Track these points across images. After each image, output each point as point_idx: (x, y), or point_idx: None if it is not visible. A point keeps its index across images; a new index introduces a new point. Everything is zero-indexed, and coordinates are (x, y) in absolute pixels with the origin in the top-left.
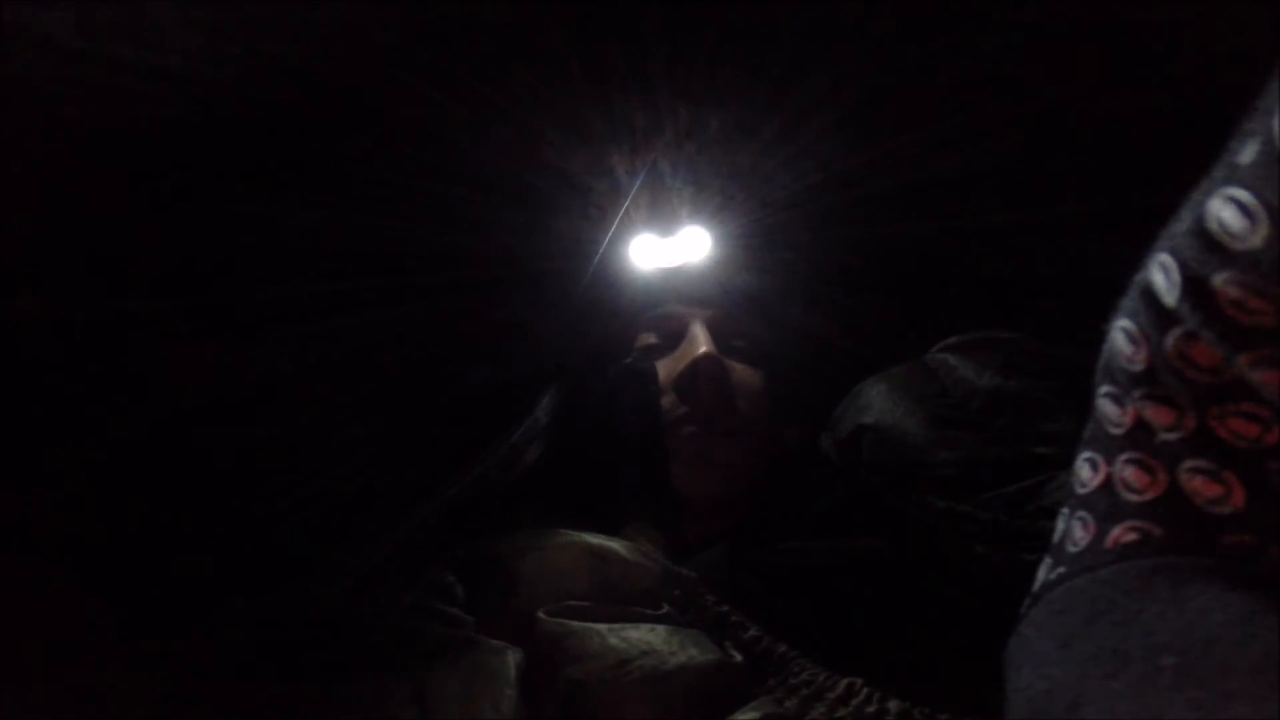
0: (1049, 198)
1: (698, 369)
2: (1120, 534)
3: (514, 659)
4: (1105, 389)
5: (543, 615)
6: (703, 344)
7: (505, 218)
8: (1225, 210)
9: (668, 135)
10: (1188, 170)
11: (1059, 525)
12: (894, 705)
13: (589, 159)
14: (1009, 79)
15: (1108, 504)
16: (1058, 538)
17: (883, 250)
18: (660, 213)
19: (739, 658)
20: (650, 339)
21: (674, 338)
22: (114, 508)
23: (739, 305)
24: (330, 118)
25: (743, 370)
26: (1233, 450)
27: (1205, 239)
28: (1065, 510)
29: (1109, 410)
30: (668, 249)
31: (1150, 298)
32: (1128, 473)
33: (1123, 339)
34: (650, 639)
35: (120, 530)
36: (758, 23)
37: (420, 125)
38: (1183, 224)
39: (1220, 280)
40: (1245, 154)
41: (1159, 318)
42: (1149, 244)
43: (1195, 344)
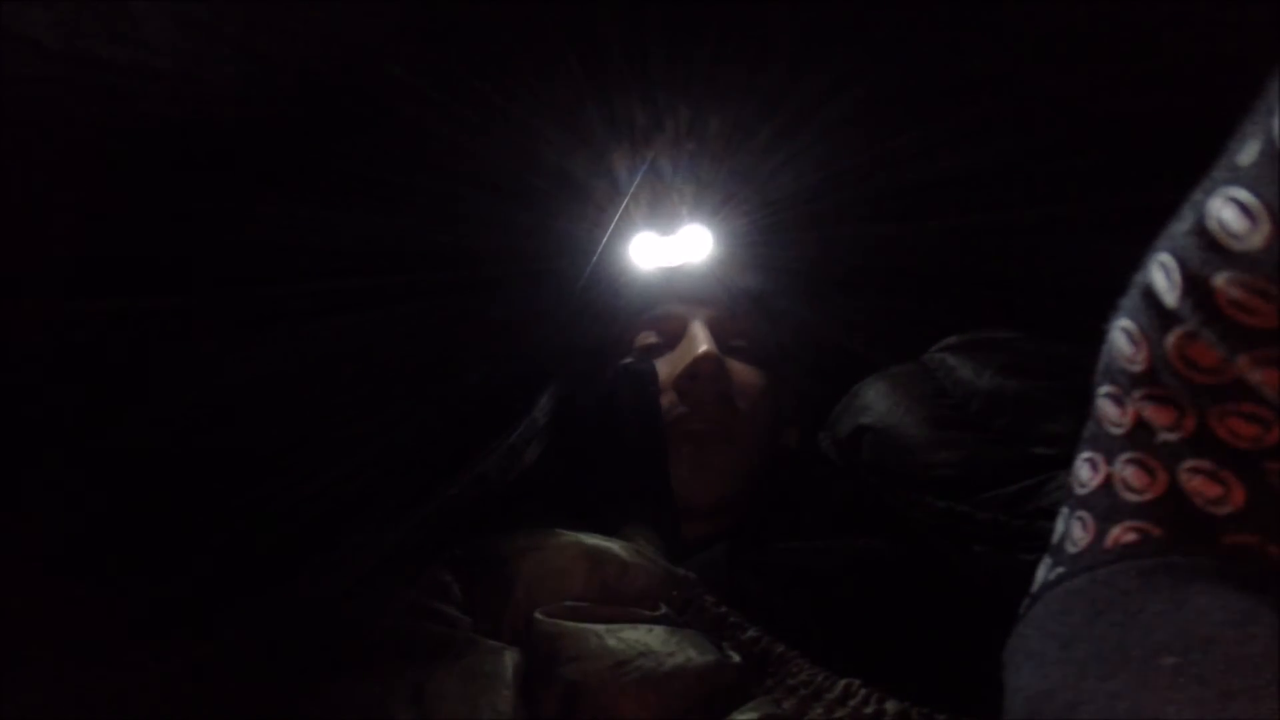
0: (1049, 198)
1: (698, 368)
2: (1120, 534)
3: (511, 659)
4: (1105, 389)
5: (540, 615)
6: (703, 343)
7: (505, 217)
8: (1226, 210)
9: (668, 134)
10: (1188, 170)
11: (1058, 525)
12: (892, 706)
13: (589, 158)
14: (1009, 79)
15: (1107, 504)
16: (1057, 538)
17: (883, 249)
18: (660, 211)
19: (737, 658)
20: (650, 338)
21: (674, 337)
22: (114, 507)
23: (739, 305)
24: (328, 117)
25: (743, 370)
26: (1233, 450)
27: (1206, 239)
28: (1065, 510)
29: (1109, 410)
30: (668, 248)
31: (1151, 298)
32: (1128, 473)
33: (1123, 339)
34: (648, 639)
35: (120, 530)
36: (758, 22)
37: (419, 124)
38: (1183, 224)
39: (1221, 280)
40: (1246, 154)
41: (1159, 318)
42: (1149, 244)
43: (1196, 344)
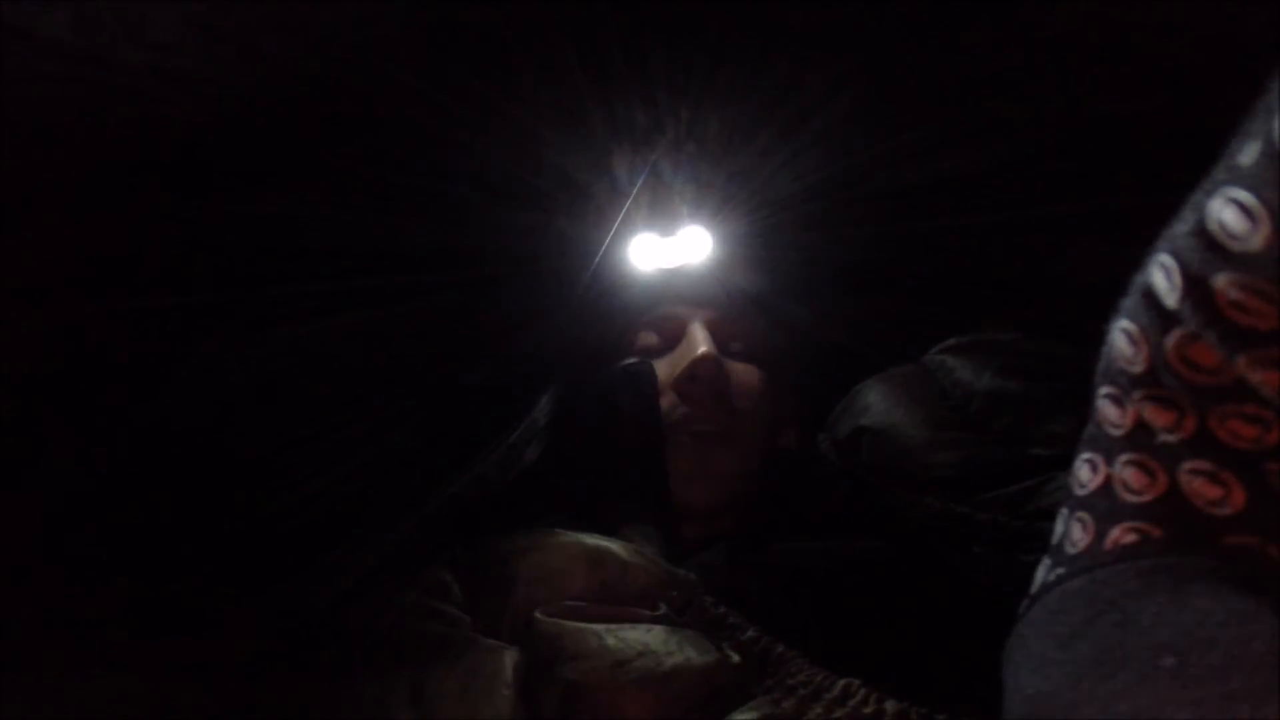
0: (1049, 199)
1: (697, 370)
2: (1119, 535)
3: (511, 659)
4: (1105, 390)
5: (540, 615)
6: (702, 345)
7: (505, 217)
8: (1226, 211)
9: (668, 135)
10: (1188, 171)
11: (1058, 526)
12: (891, 706)
13: (589, 158)
14: (1009, 79)
15: (1107, 505)
16: (1056, 539)
17: (883, 251)
18: (660, 213)
19: (736, 658)
20: (650, 339)
21: (673, 338)
22: (114, 508)
23: (739, 306)
24: (329, 117)
25: (742, 371)
26: (1233, 451)
27: (1206, 240)
28: (1064, 511)
29: (1109, 411)
30: (668, 249)
31: (1151, 299)
32: (1127, 474)
33: (1123, 340)
34: (647, 639)
35: (119, 530)
36: (758, 22)
37: (419, 124)
38: (1184, 225)
39: (1221, 281)
40: (1246, 155)
41: (1160, 319)
42: (1149, 245)
43: (1196, 345)
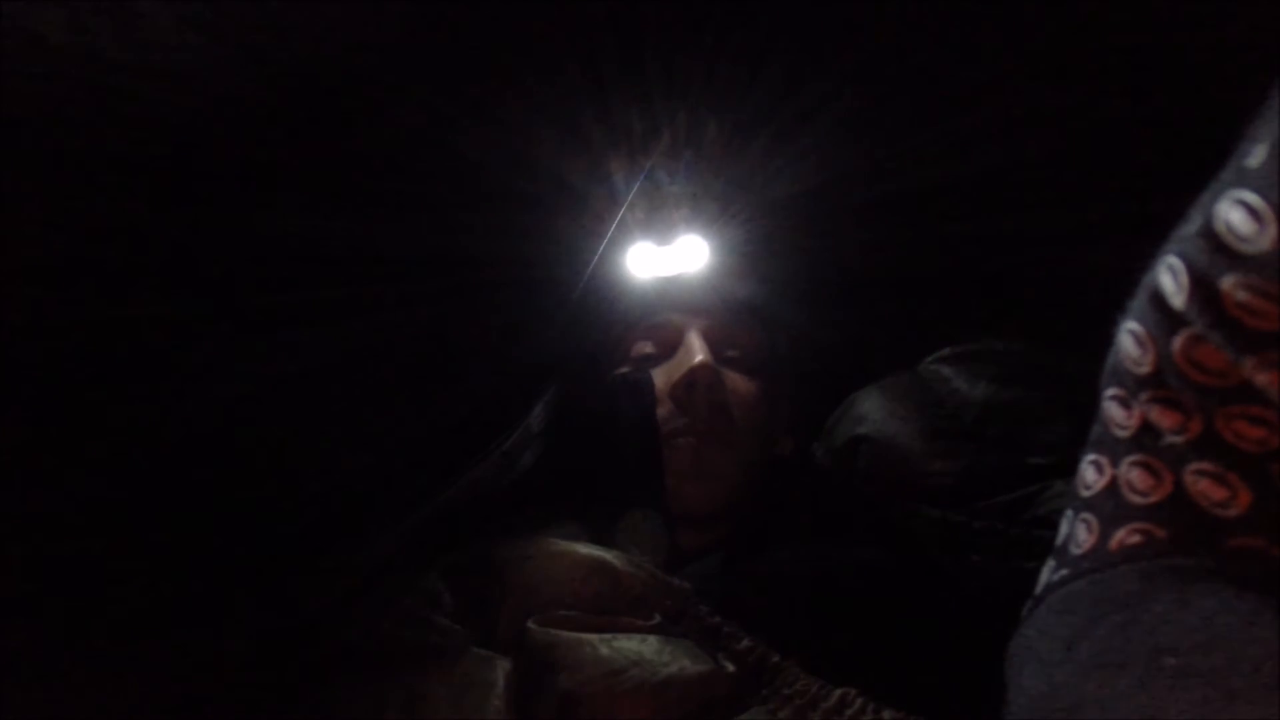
0: (1049, 204)
1: (694, 378)
2: (1124, 536)
3: (503, 668)
4: (1111, 391)
5: (534, 625)
6: (699, 353)
7: (501, 223)
8: (1233, 213)
9: (665, 141)
10: (1195, 174)
11: (1062, 527)
12: (888, 715)
13: (586, 164)
14: (1009, 83)
15: (1112, 506)
16: (1061, 539)
17: (879, 258)
18: (657, 220)
19: (731, 668)
20: (646, 348)
21: (670, 347)
22: (113, 510)
23: (735, 314)
24: (325, 121)
25: (739, 380)
26: (1239, 453)
27: (1213, 241)
28: (1069, 512)
29: (1115, 412)
30: (664, 257)
31: (1158, 300)
32: (1133, 475)
33: (1130, 341)
34: (641, 649)
35: (120, 531)
36: (756, 27)
37: (416, 129)
38: (1191, 226)
39: (1228, 283)
40: (1254, 157)
41: (1167, 320)
42: (1152, 249)
43: (1202, 346)
